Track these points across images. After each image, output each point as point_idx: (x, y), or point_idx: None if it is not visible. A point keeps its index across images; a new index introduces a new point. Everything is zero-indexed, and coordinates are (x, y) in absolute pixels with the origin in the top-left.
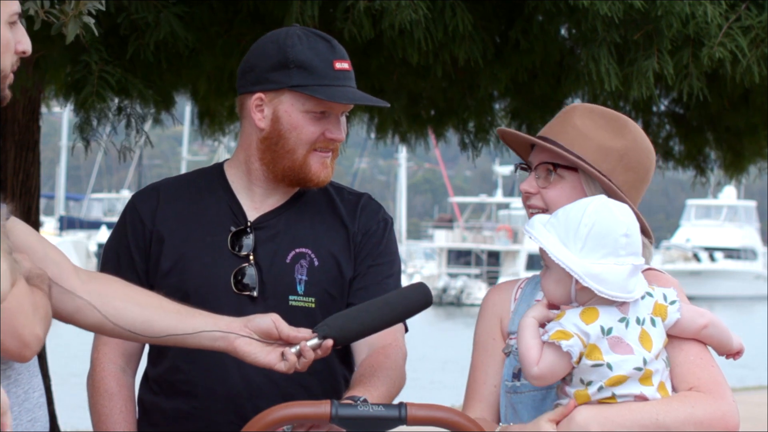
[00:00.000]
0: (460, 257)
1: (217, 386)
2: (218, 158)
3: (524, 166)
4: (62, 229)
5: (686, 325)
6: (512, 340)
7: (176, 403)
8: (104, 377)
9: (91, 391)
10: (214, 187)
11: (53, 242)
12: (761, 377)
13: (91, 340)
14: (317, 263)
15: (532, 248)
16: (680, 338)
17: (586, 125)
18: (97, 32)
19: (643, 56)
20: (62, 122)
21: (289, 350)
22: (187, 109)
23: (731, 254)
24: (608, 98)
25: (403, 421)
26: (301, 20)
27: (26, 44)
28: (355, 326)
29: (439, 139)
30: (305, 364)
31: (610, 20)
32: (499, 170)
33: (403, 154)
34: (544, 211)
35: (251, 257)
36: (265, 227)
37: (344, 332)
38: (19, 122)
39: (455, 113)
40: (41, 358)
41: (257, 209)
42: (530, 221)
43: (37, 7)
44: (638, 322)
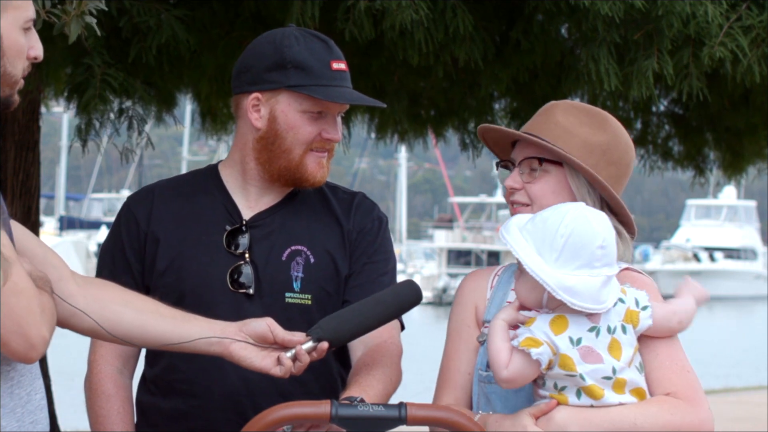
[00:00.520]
0: (460, 257)
1: (214, 385)
2: (218, 158)
3: (505, 163)
4: (62, 229)
5: (659, 327)
6: (487, 328)
7: (174, 402)
8: (101, 379)
9: (88, 393)
10: (208, 187)
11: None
12: (761, 377)
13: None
14: (313, 260)
15: None
16: (654, 340)
17: (569, 121)
18: (99, 32)
19: (643, 56)
20: (62, 122)
21: (284, 355)
22: (187, 109)
23: (731, 254)
24: (608, 98)
25: (403, 421)
26: (302, 21)
27: (38, 50)
28: (348, 327)
29: (439, 139)
30: (300, 367)
31: (610, 20)
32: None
33: (403, 154)
34: (528, 206)
35: (247, 255)
36: (260, 226)
37: (338, 334)
38: (19, 122)
39: (456, 113)
40: (41, 358)
41: (252, 208)
42: (507, 225)
43: (38, 7)
44: (609, 330)
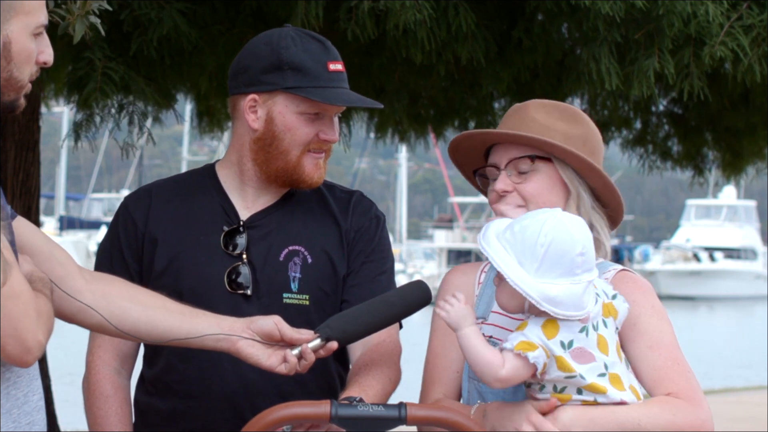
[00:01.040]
0: (460, 257)
1: (213, 385)
2: (218, 158)
3: (483, 170)
4: (62, 229)
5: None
6: (478, 325)
7: (172, 403)
8: (99, 380)
9: (86, 394)
10: (206, 187)
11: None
12: (761, 377)
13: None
14: (311, 260)
15: None
16: (655, 340)
17: (545, 118)
18: (103, 32)
19: (644, 55)
20: (62, 122)
21: (290, 352)
22: (187, 108)
23: (731, 254)
24: (608, 97)
25: (402, 421)
26: (305, 21)
27: (48, 55)
28: (356, 327)
29: (439, 138)
30: (306, 366)
31: (611, 19)
32: None
33: (403, 154)
34: (522, 207)
35: (244, 256)
36: (257, 226)
37: (347, 333)
38: (19, 122)
39: (456, 113)
40: (41, 358)
41: (249, 209)
42: (485, 233)
43: None
44: (594, 327)
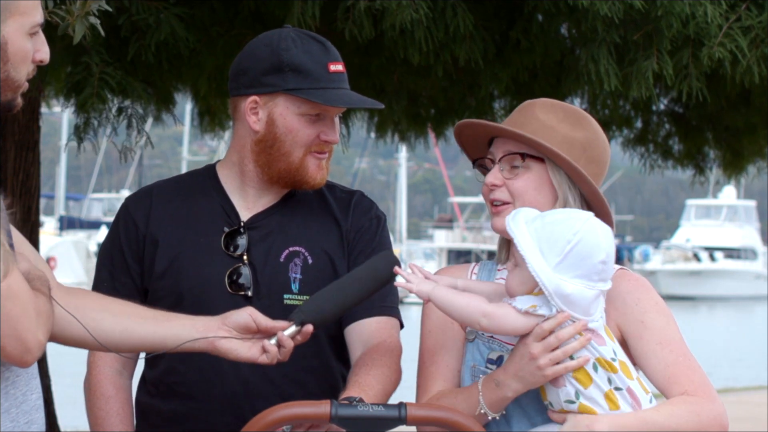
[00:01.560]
0: (460, 257)
1: (213, 387)
2: (218, 158)
3: (482, 161)
4: (62, 229)
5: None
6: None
7: (173, 404)
8: (101, 381)
9: (88, 394)
10: (206, 188)
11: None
12: (761, 377)
13: None
14: (311, 261)
15: None
16: (664, 336)
17: (548, 118)
18: (102, 33)
19: (642, 56)
20: (62, 122)
21: (267, 342)
22: (187, 109)
23: (731, 254)
24: (608, 97)
25: (402, 421)
26: (302, 20)
27: (44, 53)
28: (330, 307)
29: (439, 138)
30: (286, 353)
31: (610, 20)
32: None
33: (403, 153)
34: (508, 204)
35: (245, 257)
36: (258, 227)
37: (321, 315)
38: (19, 122)
39: (456, 113)
40: (41, 358)
41: (250, 209)
42: (515, 215)
43: (41, 7)
44: (600, 317)
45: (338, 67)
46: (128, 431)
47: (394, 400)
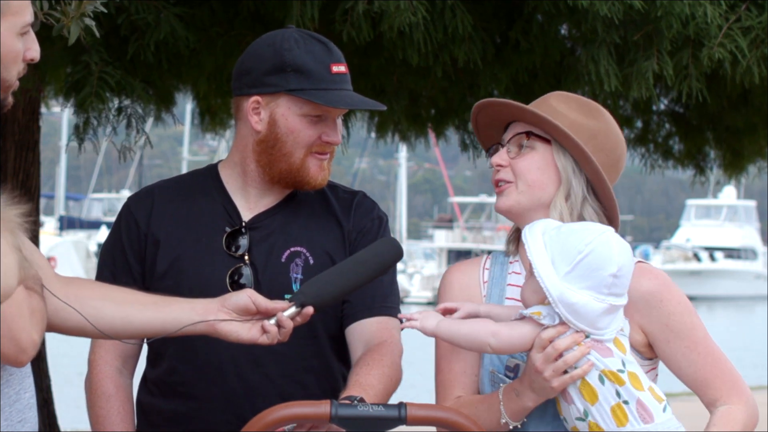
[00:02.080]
0: (460, 257)
1: (214, 387)
2: (219, 158)
3: (496, 147)
4: (62, 229)
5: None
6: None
7: (174, 404)
8: (101, 379)
9: (88, 393)
10: (208, 188)
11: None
12: (761, 377)
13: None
14: (312, 262)
15: None
16: (692, 339)
17: (561, 106)
18: (98, 34)
19: (642, 57)
20: (62, 122)
21: (267, 322)
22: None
23: (731, 254)
24: (608, 98)
25: (402, 421)
26: (301, 22)
27: (35, 51)
28: (331, 289)
29: (439, 138)
30: (285, 333)
31: (609, 21)
32: None
33: (403, 153)
34: (511, 183)
35: (246, 257)
36: (259, 227)
37: (321, 297)
38: (19, 122)
39: (455, 113)
40: (41, 358)
41: (251, 210)
42: (533, 225)
43: (36, 8)
44: (615, 332)
45: (341, 68)
46: (129, 431)
47: (394, 400)
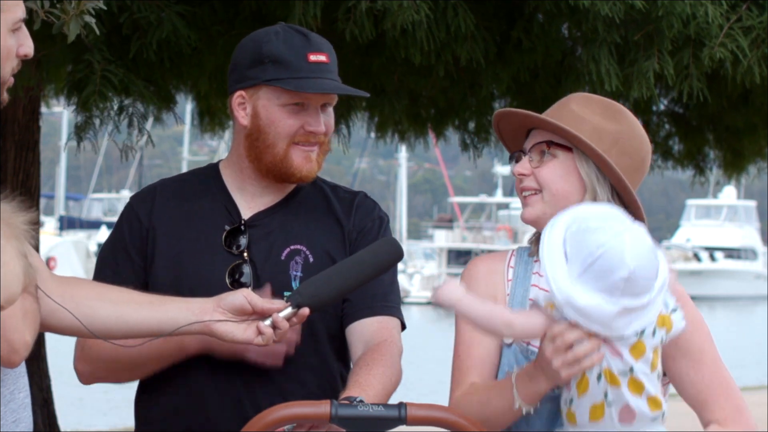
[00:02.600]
0: (460, 257)
1: (213, 383)
2: (218, 158)
3: (518, 155)
4: (62, 229)
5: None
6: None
7: (173, 400)
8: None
9: (92, 349)
10: (209, 186)
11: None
12: (761, 377)
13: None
14: (312, 260)
15: None
16: (696, 359)
17: (582, 110)
18: (99, 32)
19: (643, 57)
20: (62, 122)
21: (262, 324)
22: (187, 108)
23: (731, 254)
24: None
25: (402, 421)
26: (303, 20)
27: (28, 47)
28: (328, 290)
29: (439, 138)
30: (281, 334)
31: (610, 20)
32: (499, 170)
33: (403, 153)
34: (537, 191)
35: (246, 255)
36: (259, 225)
37: (318, 298)
38: (19, 122)
39: (456, 113)
40: (41, 358)
41: (251, 208)
42: (557, 221)
43: (37, 6)
44: (636, 333)
45: (320, 57)
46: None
47: (394, 399)
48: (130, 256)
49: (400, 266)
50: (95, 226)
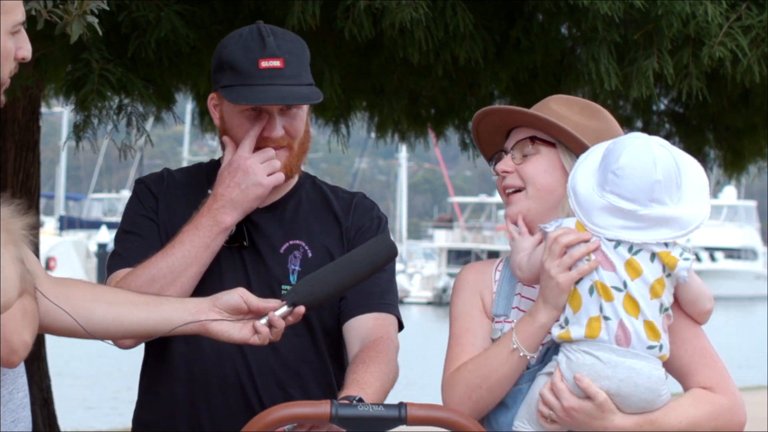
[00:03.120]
0: (460, 257)
1: (216, 369)
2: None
3: (499, 155)
4: (62, 229)
5: (693, 299)
6: (498, 323)
7: (174, 388)
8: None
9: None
10: (211, 181)
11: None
12: (761, 377)
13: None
14: (311, 255)
15: None
16: (684, 334)
17: (562, 109)
18: (101, 32)
19: (643, 56)
20: (62, 122)
21: (258, 323)
22: (187, 108)
23: (731, 254)
24: (608, 97)
25: (403, 421)
26: (302, 19)
27: (26, 50)
28: (323, 288)
29: (439, 138)
30: (277, 333)
31: (610, 20)
32: None
33: (403, 153)
34: (521, 188)
35: (245, 248)
36: (258, 221)
37: (313, 296)
38: (19, 122)
39: (456, 113)
40: (41, 358)
41: None
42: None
43: (40, 7)
44: (630, 250)
45: (273, 62)
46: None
47: (394, 399)
48: (151, 219)
49: (400, 266)
50: (95, 226)
